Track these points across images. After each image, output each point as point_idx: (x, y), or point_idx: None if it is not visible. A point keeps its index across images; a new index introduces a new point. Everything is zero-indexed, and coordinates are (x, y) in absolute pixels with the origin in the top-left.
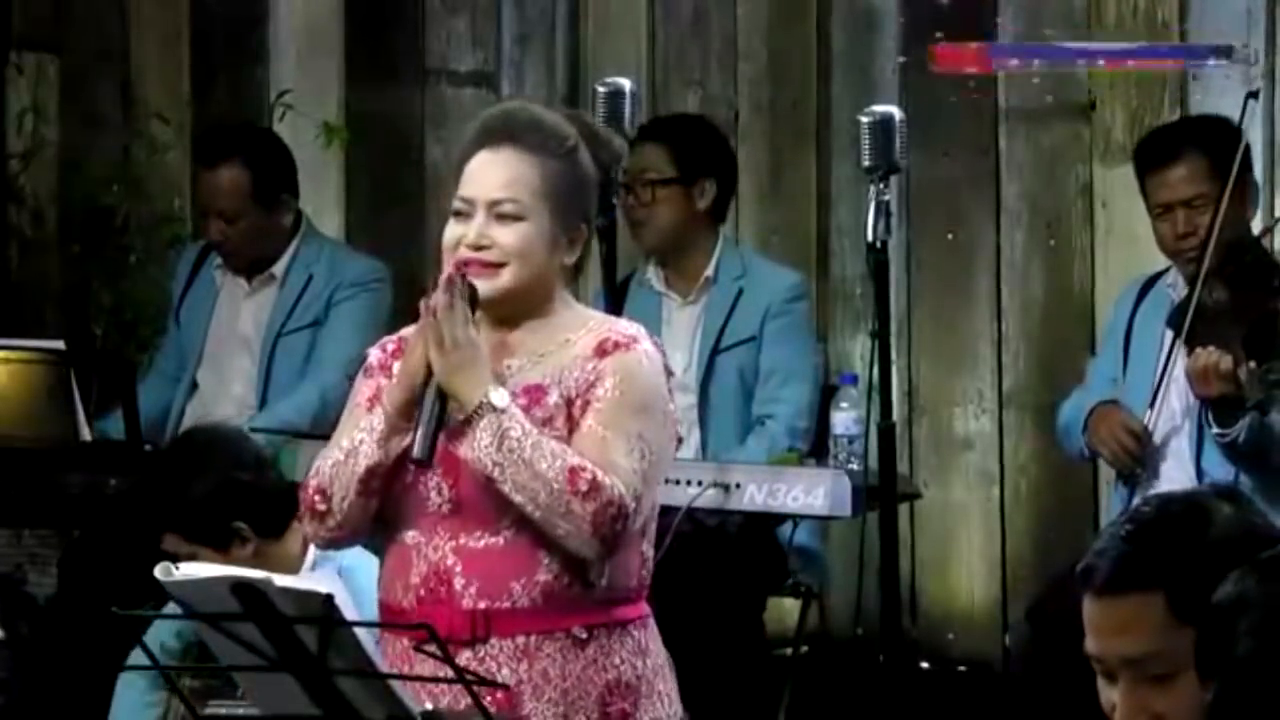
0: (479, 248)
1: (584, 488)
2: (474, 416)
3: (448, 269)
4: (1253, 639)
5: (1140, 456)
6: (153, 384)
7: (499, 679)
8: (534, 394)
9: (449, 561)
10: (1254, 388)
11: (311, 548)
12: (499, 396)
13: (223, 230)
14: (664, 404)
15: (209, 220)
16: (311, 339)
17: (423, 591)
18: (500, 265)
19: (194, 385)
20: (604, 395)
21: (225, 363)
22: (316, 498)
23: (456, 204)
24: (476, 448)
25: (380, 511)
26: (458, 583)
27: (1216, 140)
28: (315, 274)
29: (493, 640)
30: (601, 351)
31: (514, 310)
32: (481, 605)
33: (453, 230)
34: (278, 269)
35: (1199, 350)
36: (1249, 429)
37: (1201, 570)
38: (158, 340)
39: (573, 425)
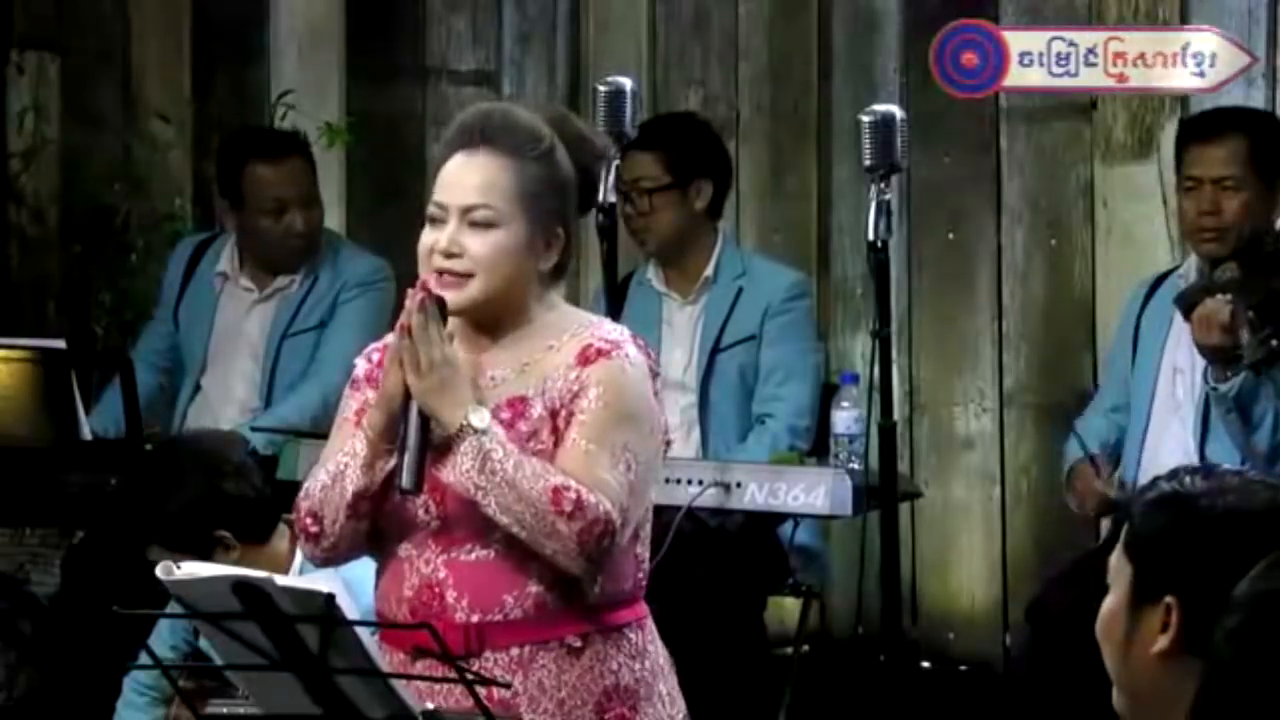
0: (450, 255)
1: (568, 508)
2: (455, 439)
3: (420, 283)
4: (1232, 644)
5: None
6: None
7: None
8: (517, 407)
9: (440, 575)
10: (1253, 349)
11: (299, 549)
12: (479, 418)
13: (308, 218)
14: (649, 410)
15: (285, 214)
16: (316, 341)
17: (416, 604)
18: (469, 275)
19: (197, 388)
20: (588, 407)
21: (229, 366)
22: (308, 520)
23: (431, 209)
24: (458, 471)
25: (374, 525)
26: (449, 596)
27: (1262, 131)
28: (321, 275)
29: (487, 653)
30: (584, 359)
31: (489, 317)
32: (474, 618)
33: (426, 237)
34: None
35: (1205, 300)
36: (1242, 386)
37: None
38: None
39: (558, 436)
